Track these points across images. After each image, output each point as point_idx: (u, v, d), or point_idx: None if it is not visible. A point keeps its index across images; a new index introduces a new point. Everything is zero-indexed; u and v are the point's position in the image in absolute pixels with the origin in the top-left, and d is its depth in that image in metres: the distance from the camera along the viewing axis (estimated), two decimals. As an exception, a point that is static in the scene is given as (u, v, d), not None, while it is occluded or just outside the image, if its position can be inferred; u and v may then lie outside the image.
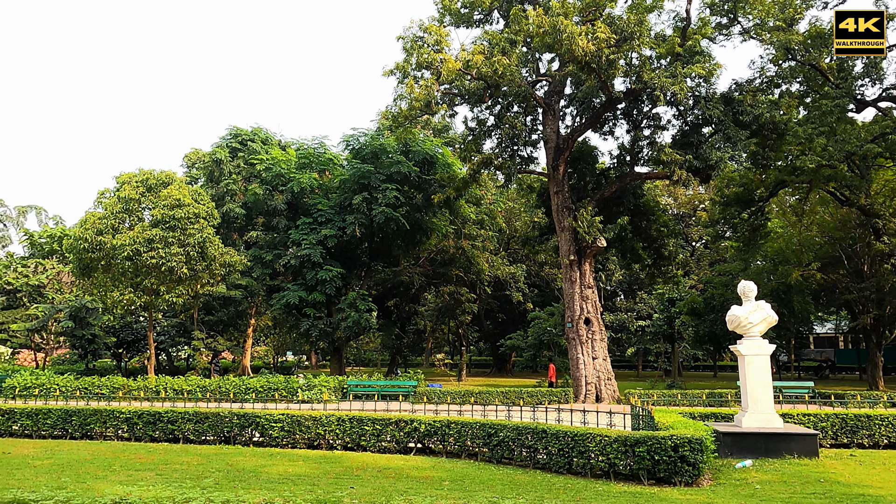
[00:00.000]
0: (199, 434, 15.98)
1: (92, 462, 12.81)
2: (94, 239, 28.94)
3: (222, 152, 40.74)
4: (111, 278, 30.31)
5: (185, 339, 45.01)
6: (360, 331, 35.71)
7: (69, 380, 27.55)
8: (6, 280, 47.30)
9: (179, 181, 32.21)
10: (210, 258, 30.65)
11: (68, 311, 39.93)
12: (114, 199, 30.40)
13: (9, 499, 9.20)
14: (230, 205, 38.57)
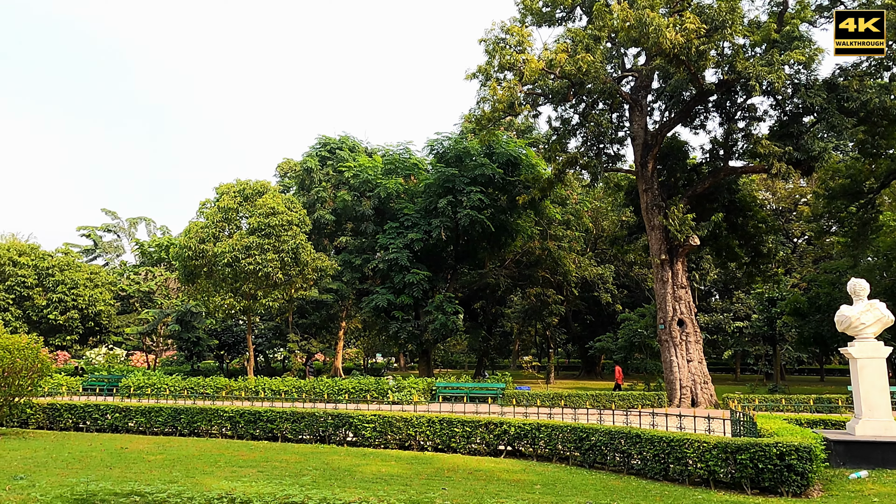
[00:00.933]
0: (297, 433, 16.59)
1: (199, 458, 13.54)
2: (197, 247, 30.67)
3: (312, 161, 42.19)
4: (213, 284, 31.99)
5: (281, 341, 46.92)
6: (447, 333, 36.01)
7: (177, 380, 29.28)
8: (120, 287, 50.91)
9: (273, 190, 33.61)
10: (303, 263, 31.79)
11: (175, 316, 42.50)
12: (214, 209, 32.10)
13: (127, 490, 9.88)
14: (320, 211, 39.87)
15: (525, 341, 67.31)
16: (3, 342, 16.77)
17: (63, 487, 10.09)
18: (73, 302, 42.87)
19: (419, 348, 38.91)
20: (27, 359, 16.80)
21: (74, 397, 22.28)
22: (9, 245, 44.46)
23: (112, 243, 61.15)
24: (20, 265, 41.79)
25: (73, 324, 43.37)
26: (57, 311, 42.11)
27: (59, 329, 43.37)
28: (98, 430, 18.32)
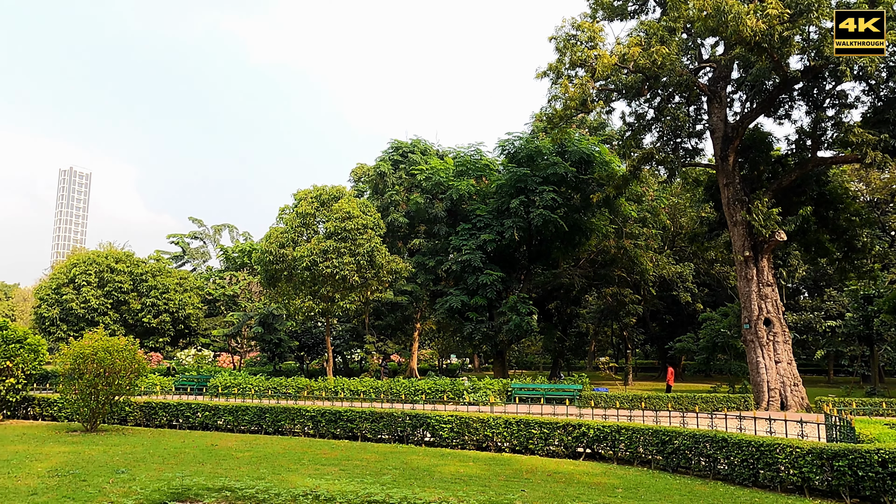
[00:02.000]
0: (376, 433, 16.91)
1: (284, 455, 14.01)
2: (278, 251, 31.75)
3: (385, 165, 42.89)
4: (293, 287, 33.03)
5: (358, 342, 47.94)
6: (521, 334, 35.81)
7: (261, 380, 30.38)
8: (207, 291, 53.30)
9: (348, 195, 34.40)
10: (378, 266, 32.37)
11: (258, 318, 44.12)
12: (292, 215, 33.15)
13: (219, 486, 10.34)
14: (394, 214, 40.48)
15: (601, 342, 66.07)
16: (104, 344, 17.90)
17: (160, 481, 10.66)
18: (164, 306, 45.22)
19: (494, 349, 38.85)
20: (125, 360, 17.86)
21: (168, 396, 23.51)
22: (106, 253, 47.36)
23: (199, 249, 64.17)
24: (117, 272, 44.45)
25: (165, 326, 45.74)
26: (150, 315, 44.53)
27: (153, 332, 45.82)
28: (190, 427, 19.25)
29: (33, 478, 11.06)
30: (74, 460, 12.91)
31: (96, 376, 17.39)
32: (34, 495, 9.69)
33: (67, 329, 42.40)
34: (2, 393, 19.55)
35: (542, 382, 30.03)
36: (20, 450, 14.20)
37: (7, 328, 20.09)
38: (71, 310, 42.69)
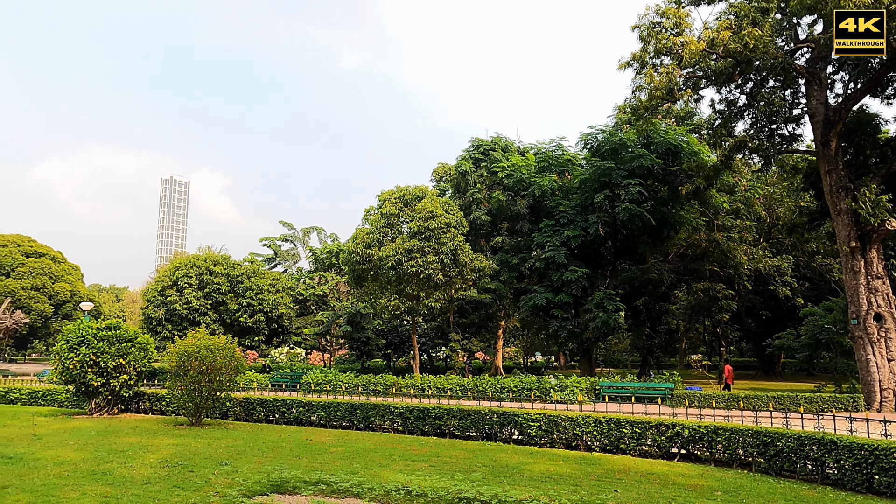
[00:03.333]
0: (463, 430, 17.01)
1: (375, 451, 14.33)
2: (364, 252, 32.52)
3: (466, 164, 43.05)
4: (379, 286, 33.74)
5: (443, 340, 48.40)
6: (608, 331, 35.06)
7: (350, 377, 31.23)
8: (298, 291, 55.34)
9: (431, 194, 34.77)
10: (462, 264, 32.55)
11: (346, 317, 45.37)
12: (377, 216, 33.86)
13: (315, 479, 10.71)
14: (476, 213, 40.57)
15: (693, 339, 63.69)
16: (205, 343, 18.91)
17: (261, 473, 11.14)
18: (259, 306, 47.32)
19: (580, 347, 38.24)
20: (226, 357, 18.78)
21: (264, 392, 24.56)
22: (205, 256, 50.05)
23: (289, 252, 66.70)
24: (215, 274, 46.89)
25: (260, 326, 47.86)
26: (246, 315, 46.71)
27: (249, 330, 48.04)
28: (286, 422, 20.03)
29: (146, 468, 11.82)
30: (182, 452, 13.69)
31: (199, 373, 18.38)
32: (148, 484, 10.36)
33: (172, 328, 45.08)
34: (116, 388, 21.01)
35: (631, 381, 29.29)
36: (134, 441, 15.20)
37: (120, 328, 21.57)
38: (175, 310, 45.36)
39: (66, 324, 42.78)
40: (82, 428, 17.69)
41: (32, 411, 22.74)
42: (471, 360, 46.45)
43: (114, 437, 16.00)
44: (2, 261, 62.31)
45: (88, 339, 20.60)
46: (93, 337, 20.68)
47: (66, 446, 14.31)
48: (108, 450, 13.85)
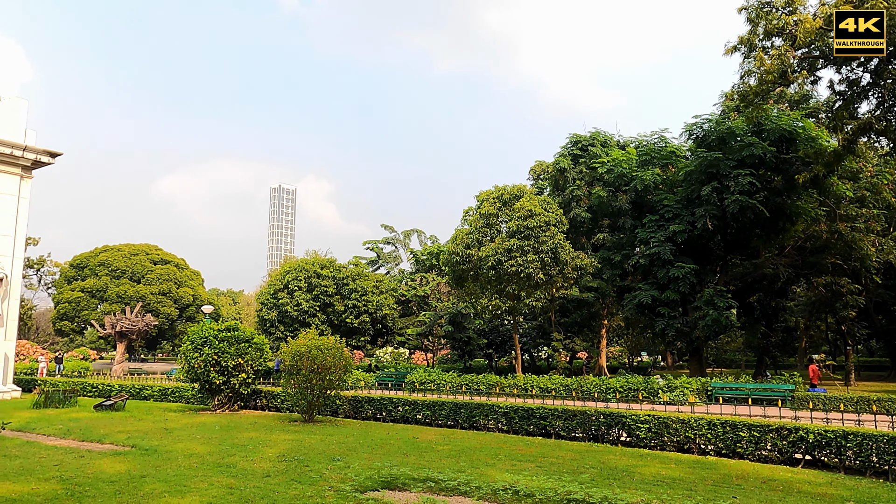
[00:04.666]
0: (569, 431, 16.77)
1: (481, 450, 14.41)
2: (464, 252, 32.78)
3: (565, 161, 42.45)
4: (479, 286, 33.91)
5: (544, 340, 47.92)
6: (719, 329, 33.44)
7: (453, 377, 31.57)
8: (400, 292, 56.60)
9: (529, 193, 34.55)
10: (562, 263, 32.12)
11: (448, 317, 45.90)
12: (476, 216, 34.04)
13: (423, 476, 10.92)
14: (576, 210, 39.91)
15: (814, 337, 59.50)
16: (316, 343, 19.73)
17: (371, 470, 11.49)
18: (364, 307, 48.81)
19: (689, 346, 36.71)
20: (335, 357, 19.51)
21: (371, 391, 25.29)
22: (313, 260, 52.23)
23: (391, 254, 68.35)
24: (322, 277, 48.85)
25: (365, 326, 49.34)
26: (352, 316, 48.31)
27: (355, 331, 49.65)
28: (392, 420, 20.53)
29: (266, 461, 12.49)
30: (297, 447, 14.35)
31: (311, 372, 19.20)
32: (268, 477, 10.94)
33: (284, 329, 47.36)
34: (236, 386, 22.33)
35: (746, 381, 27.80)
36: (253, 436, 16.09)
37: (238, 329, 22.92)
38: (286, 312, 47.63)
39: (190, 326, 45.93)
40: (207, 423, 18.92)
41: (163, 407, 24.58)
42: (588, 360, 45.60)
43: (235, 432, 17.01)
44: (134, 268, 67.81)
45: (210, 340, 22.03)
46: (214, 338, 22.09)
47: (194, 440, 15.36)
48: (230, 444, 14.75)
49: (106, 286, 65.06)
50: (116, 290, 64.26)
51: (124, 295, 63.29)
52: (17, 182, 29.76)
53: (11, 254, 29.18)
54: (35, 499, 9.20)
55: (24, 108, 30.34)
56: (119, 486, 10.11)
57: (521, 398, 21.40)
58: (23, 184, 30.02)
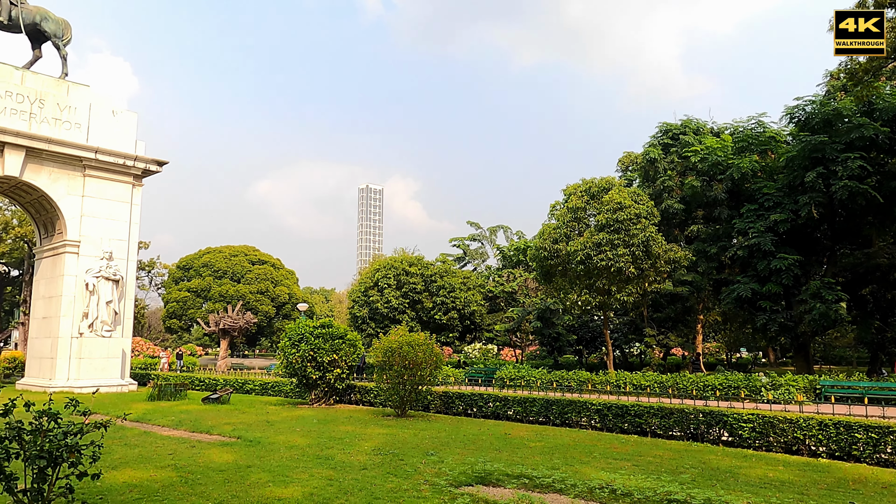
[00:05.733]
0: (666, 429, 16.26)
1: (574, 447, 14.21)
2: (551, 247, 32.40)
3: (655, 151, 41.11)
4: (568, 281, 33.41)
5: (636, 335, 46.64)
6: (827, 324, 31.39)
7: (543, 373, 31.24)
8: (488, 288, 56.68)
9: (618, 185, 33.71)
10: (654, 256, 31.15)
11: (536, 313, 45.54)
12: (563, 210, 33.56)
13: (517, 472, 10.89)
14: (668, 201, 38.58)
15: (938, 332, 54.78)
16: (406, 339, 20.07)
17: (465, 465, 11.56)
18: (452, 304, 49.18)
19: (793, 342, 34.71)
20: (426, 353, 19.78)
21: (461, 387, 25.44)
22: (401, 258, 53.14)
23: (477, 250, 68.55)
24: (411, 274, 49.60)
25: (454, 323, 49.70)
26: (440, 312, 48.80)
27: (444, 327, 50.10)
28: (483, 416, 20.59)
29: (362, 454, 12.82)
30: (391, 441, 14.65)
31: (403, 367, 19.55)
32: (364, 470, 11.23)
33: (375, 326, 48.47)
34: (331, 381, 23.06)
35: (860, 380, 25.98)
36: (349, 430, 16.57)
37: (332, 326, 23.66)
38: (377, 309, 48.72)
39: (287, 323, 47.87)
40: (305, 416, 19.64)
41: (264, 400, 25.73)
42: (696, 357, 44.05)
43: (331, 425, 17.57)
44: (234, 269, 71.35)
45: (306, 337, 22.86)
46: (310, 335, 22.91)
47: (294, 432, 15.99)
48: (327, 437, 15.25)
49: (209, 286, 68.80)
50: (219, 289, 67.82)
51: (226, 294, 66.69)
52: (129, 190, 31.95)
53: (126, 257, 31.37)
54: (153, 485, 9.86)
55: (134, 121, 32.52)
56: (227, 475, 10.66)
57: (613, 395, 20.91)
58: (134, 191, 32.19)
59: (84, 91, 31.54)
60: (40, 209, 31.60)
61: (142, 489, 9.56)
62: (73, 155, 29.78)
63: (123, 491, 9.44)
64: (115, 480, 10.03)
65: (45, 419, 7.60)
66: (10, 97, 28.64)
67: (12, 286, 63.20)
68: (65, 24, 32.19)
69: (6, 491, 7.58)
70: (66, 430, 7.60)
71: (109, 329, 29.80)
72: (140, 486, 9.79)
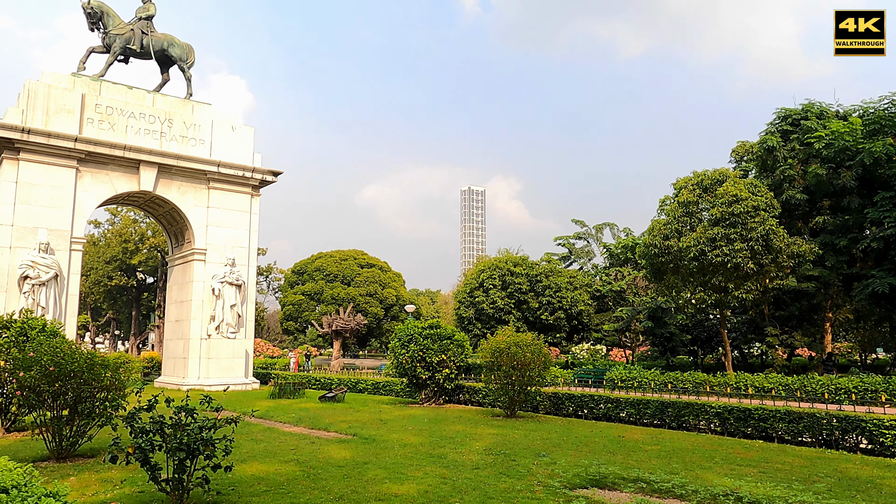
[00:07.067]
0: (794, 434, 15.26)
1: (693, 452, 13.62)
2: (662, 244, 31.21)
3: (773, 139, 38.61)
4: (680, 279, 32.06)
5: (756, 335, 43.99)
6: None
7: (655, 374, 30.11)
8: (595, 287, 55.46)
9: (733, 177, 31.96)
10: (775, 250, 29.29)
11: (646, 312, 44.04)
12: (674, 205, 32.24)
13: (633, 476, 10.57)
14: (789, 191, 36.13)
15: None
16: (514, 339, 20.02)
17: (578, 467, 11.37)
18: (558, 303, 48.56)
19: (941, 341, 31.49)
20: (534, 353, 19.63)
21: (570, 388, 25.02)
22: (505, 258, 53.13)
23: (583, 249, 67.21)
24: (515, 274, 49.47)
25: (560, 323, 49.05)
26: (547, 312, 48.31)
27: (550, 328, 49.58)
28: (594, 418, 20.16)
29: (473, 454, 12.91)
30: (502, 442, 14.66)
31: (511, 368, 19.50)
32: (477, 469, 11.30)
33: (481, 327, 48.70)
34: (440, 381, 23.39)
35: None
36: (459, 429, 16.73)
37: (440, 327, 24.01)
38: (482, 310, 48.95)
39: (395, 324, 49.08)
40: (416, 415, 20.04)
41: (376, 399, 26.50)
42: (832, 358, 41.15)
43: (442, 424, 17.81)
44: (344, 272, 74.06)
45: (415, 338, 23.32)
46: (418, 335, 23.35)
47: (406, 431, 16.36)
48: (439, 436, 15.48)
49: (322, 289, 71.78)
50: (330, 292, 70.61)
51: (337, 297, 69.32)
52: (248, 200, 33.94)
53: (247, 263, 33.34)
54: (279, 478, 10.40)
55: (251, 135, 34.53)
56: (346, 470, 11.07)
57: (733, 398, 19.83)
58: (253, 201, 34.16)
59: (206, 109, 33.86)
60: (171, 220, 34.21)
61: (268, 482, 10.12)
62: (198, 169, 32.03)
63: (252, 483, 10.03)
64: (244, 473, 10.68)
65: (184, 414, 8.22)
66: (143, 118, 31.23)
67: (148, 292, 68.85)
68: (189, 49, 34.69)
69: (151, 480, 8.27)
70: (201, 424, 8.19)
71: (234, 331, 31.75)
72: (266, 478, 10.36)
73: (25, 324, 17.25)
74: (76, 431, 11.94)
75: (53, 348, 12.11)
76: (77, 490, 9.24)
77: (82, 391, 11.71)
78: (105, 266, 60.93)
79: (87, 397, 11.79)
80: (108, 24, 32.20)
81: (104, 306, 71.93)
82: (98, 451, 12.47)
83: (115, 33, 32.18)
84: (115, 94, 31.20)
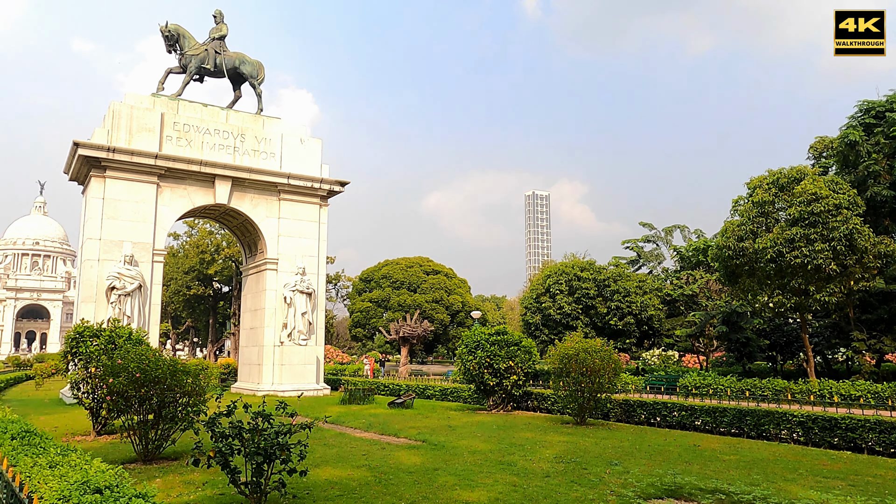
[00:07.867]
0: (886, 445, 14.40)
1: (774, 462, 13.05)
2: (736, 245, 30.13)
3: (855, 133, 36.68)
4: (756, 282, 30.85)
5: (841, 340, 41.76)
6: None
7: (732, 381, 29.01)
8: (665, 292, 53.98)
9: (812, 174, 30.57)
10: (860, 250, 27.78)
11: (720, 317, 42.53)
12: (748, 205, 31.09)
13: (711, 487, 10.23)
14: (874, 188, 34.25)
15: None
16: (583, 345, 19.72)
17: (652, 476, 11.09)
18: (627, 308, 47.53)
19: None
20: (604, 360, 19.27)
21: (642, 395, 24.43)
22: (572, 263, 52.49)
23: (652, 252, 65.59)
24: (583, 279, 48.78)
25: (630, 328, 47.99)
26: (615, 318, 47.36)
27: (619, 333, 48.58)
28: (667, 426, 19.60)
29: (544, 462, 12.78)
30: (572, 449, 14.45)
31: (580, 374, 19.21)
32: (547, 477, 11.18)
33: (549, 333, 48.20)
34: (508, 387, 23.27)
35: None
36: (529, 437, 16.60)
37: (506, 333, 23.91)
38: (549, 316, 48.45)
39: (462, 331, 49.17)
40: (484, 422, 20.00)
41: (444, 406, 26.60)
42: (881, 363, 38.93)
43: (511, 431, 17.71)
44: (410, 279, 74.85)
45: (482, 344, 23.30)
46: (485, 342, 23.32)
47: (475, 437, 16.35)
48: (508, 443, 15.40)
49: (388, 296, 72.76)
50: (397, 299, 71.47)
51: (403, 304, 70.08)
52: (317, 210, 34.82)
53: (317, 272, 34.17)
54: (351, 483, 10.60)
55: (319, 147, 35.43)
56: (416, 476, 11.17)
57: (817, 406, 18.88)
58: (321, 211, 35.02)
59: (276, 123, 34.98)
60: (245, 231, 35.47)
61: (341, 486, 10.32)
62: (269, 181, 33.11)
63: (325, 487, 10.26)
64: (318, 477, 10.94)
65: (261, 420, 8.50)
66: (217, 134, 32.55)
67: (224, 301, 71.55)
68: (259, 66, 35.96)
69: (231, 483, 8.58)
70: (277, 429, 8.45)
71: (305, 338, 32.57)
72: (339, 483, 10.57)
73: (113, 332, 18.25)
74: (161, 435, 12.52)
75: (139, 355, 12.77)
76: (163, 491, 9.69)
77: (166, 396, 12.28)
78: (184, 276, 63.75)
79: (170, 402, 12.35)
80: (184, 46, 33.77)
81: (183, 315, 75.22)
82: (181, 454, 13.03)
83: (190, 54, 33.71)
84: (191, 112, 32.65)
